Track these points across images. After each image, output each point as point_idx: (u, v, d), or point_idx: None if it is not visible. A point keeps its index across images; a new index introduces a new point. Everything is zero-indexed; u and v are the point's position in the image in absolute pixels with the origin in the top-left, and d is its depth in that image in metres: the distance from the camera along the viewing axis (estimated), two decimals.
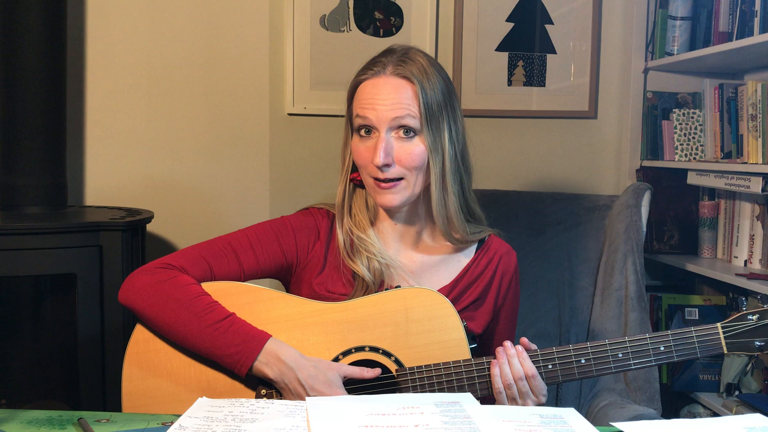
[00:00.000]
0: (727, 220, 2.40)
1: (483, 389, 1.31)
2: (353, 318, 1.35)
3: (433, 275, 1.48)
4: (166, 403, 1.31)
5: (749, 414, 1.21)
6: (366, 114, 1.39)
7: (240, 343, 1.29)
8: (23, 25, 2.11)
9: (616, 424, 1.17)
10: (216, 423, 1.09)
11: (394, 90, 1.38)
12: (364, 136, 1.40)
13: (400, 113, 1.37)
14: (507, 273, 1.52)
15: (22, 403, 2.08)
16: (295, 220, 1.50)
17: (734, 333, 1.26)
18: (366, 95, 1.40)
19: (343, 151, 1.49)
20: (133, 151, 2.45)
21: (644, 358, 1.28)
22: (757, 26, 2.11)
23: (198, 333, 1.30)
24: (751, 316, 1.26)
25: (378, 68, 1.41)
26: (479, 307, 1.49)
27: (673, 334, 1.27)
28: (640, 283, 1.96)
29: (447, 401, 1.16)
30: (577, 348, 1.30)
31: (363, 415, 1.08)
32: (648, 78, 2.56)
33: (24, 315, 2.25)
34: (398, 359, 1.33)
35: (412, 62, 1.41)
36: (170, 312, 1.32)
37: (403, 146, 1.38)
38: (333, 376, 1.29)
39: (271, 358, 1.29)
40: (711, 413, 2.21)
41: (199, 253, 1.41)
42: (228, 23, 2.46)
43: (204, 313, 1.31)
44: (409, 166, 1.39)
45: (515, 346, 1.31)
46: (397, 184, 1.39)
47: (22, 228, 1.93)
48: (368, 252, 1.43)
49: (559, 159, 2.62)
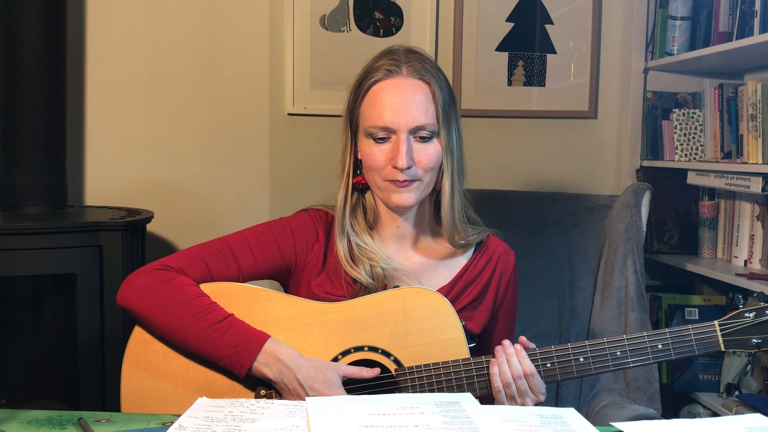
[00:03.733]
0: (727, 220, 2.40)
1: (482, 388, 1.31)
2: (352, 318, 1.35)
3: (432, 275, 1.48)
4: (166, 404, 1.31)
5: (749, 414, 1.21)
6: (387, 118, 1.36)
7: (239, 343, 1.29)
8: (23, 25, 2.11)
9: (616, 424, 1.17)
10: (216, 423, 1.09)
11: (414, 92, 1.37)
12: (379, 140, 1.38)
13: (423, 117, 1.36)
14: (506, 272, 1.52)
15: (22, 403, 2.08)
16: (294, 221, 1.49)
17: (731, 330, 1.27)
18: (384, 98, 1.37)
19: (343, 155, 1.46)
20: (133, 151, 2.45)
21: (642, 356, 1.28)
22: (757, 26, 2.11)
23: (197, 334, 1.30)
24: (747, 313, 1.27)
25: (392, 69, 1.38)
26: (478, 307, 1.49)
27: (670, 331, 1.28)
28: (640, 283, 1.96)
29: (447, 401, 1.16)
30: (576, 346, 1.30)
31: (363, 415, 1.08)
32: (648, 78, 2.56)
33: (24, 315, 2.25)
34: (397, 359, 1.33)
35: (425, 62, 1.40)
36: (169, 313, 1.31)
37: (422, 148, 1.38)
38: (332, 375, 1.29)
39: (270, 358, 1.29)
40: (711, 413, 2.21)
41: (197, 255, 1.41)
42: (228, 23, 2.46)
43: (203, 314, 1.31)
44: (428, 167, 1.39)
45: (514, 345, 1.31)
46: (412, 183, 1.38)
47: (22, 228, 1.93)
48: (370, 259, 1.42)
49: (559, 159, 2.62)
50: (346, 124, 1.45)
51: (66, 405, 2.11)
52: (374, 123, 1.37)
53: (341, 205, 1.45)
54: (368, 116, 1.39)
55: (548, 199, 2.17)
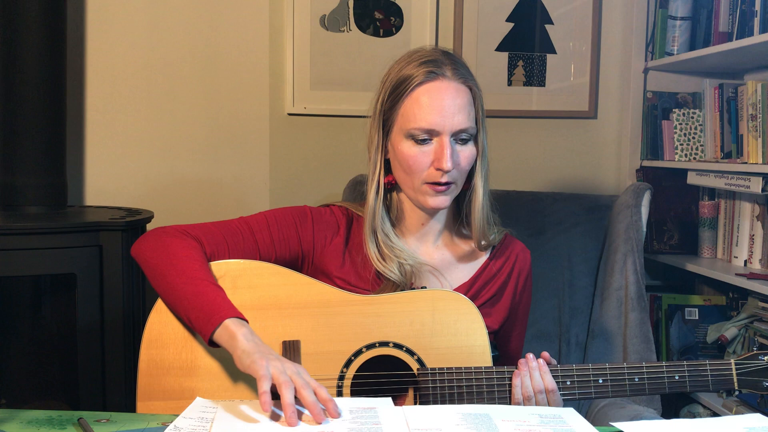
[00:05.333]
0: (727, 220, 2.40)
1: (501, 398, 1.31)
2: (380, 312, 1.35)
3: (452, 272, 1.50)
4: (184, 396, 1.29)
5: (749, 414, 1.21)
6: (432, 120, 1.36)
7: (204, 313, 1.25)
8: (23, 25, 2.11)
9: (616, 424, 1.17)
10: (210, 423, 1.09)
11: (459, 96, 1.39)
12: (421, 141, 1.38)
13: (466, 120, 1.38)
14: (523, 271, 1.54)
15: (22, 403, 2.08)
16: (316, 212, 1.50)
17: (746, 371, 1.29)
18: (430, 101, 1.37)
19: (374, 155, 1.46)
20: (133, 151, 2.45)
21: (658, 386, 1.31)
22: (757, 26, 2.11)
23: (181, 288, 1.27)
24: (762, 357, 1.30)
25: (436, 71, 1.39)
26: (495, 304, 1.50)
27: (689, 365, 1.30)
28: (640, 283, 1.96)
29: (363, 407, 1.16)
30: (596, 367, 1.31)
31: (267, 421, 1.09)
32: (648, 78, 2.56)
33: (24, 315, 2.25)
34: (420, 358, 1.33)
35: (463, 66, 1.43)
36: (163, 264, 1.30)
37: (461, 150, 1.40)
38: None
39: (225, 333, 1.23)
40: (711, 413, 2.21)
41: (216, 228, 1.41)
42: (228, 23, 2.46)
43: (193, 273, 1.29)
44: (464, 169, 1.41)
45: (537, 360, 1.32)
46: (449, 187, 1.40)
47: (22, 228, 1.92)
48: (398, 257, 1.43)
49: (559, 159, 2.62)
50: (378, 125, 1.45)
51: (66, 405, 2.11)
52: (418, 125, 1.37)
53: (372, 205, 1.45)
54: (411, 118, 1.38)
55: (548, 199, 2.17)
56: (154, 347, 1.31)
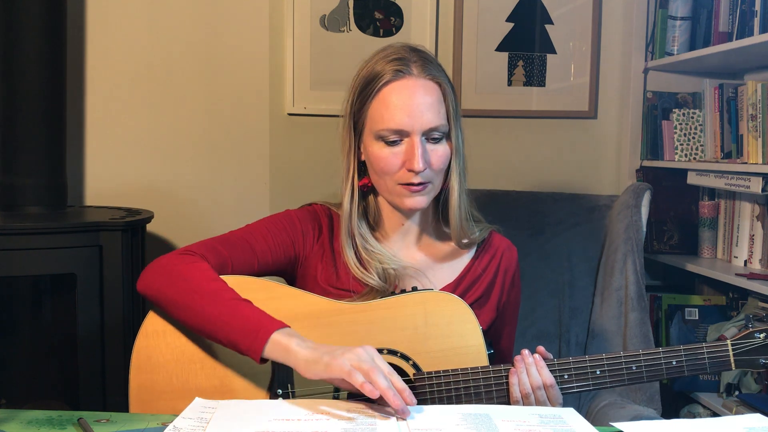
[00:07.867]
0: (727, 220, 2.40)
1: (500, 397, 1.30)
2: (372, 319, 1.34)
3: (436, 273, 1.47)
4: (175, 399, 1.29)
5: (749, 414, 1.21)
6: (400, 120, 1.33)
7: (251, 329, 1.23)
8: (23, 25, 2.11)
9: (616, 424, 1.17)
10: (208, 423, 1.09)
11: (427, 93, 1.35)
12: (391, 143, 1.36)
13: (436, 118, 1.34)
14: (510, 269, 1.52)
15: (22, 403, 2.08)
16: (299, 213, 1.49)
17: (742, 350, 1.29)
18: (397, 100, 1.34)
19: (348, 157, 1.43)
20: (133, 151, 2.45)
21: (657, 372, 1.30)
22: (757, 26, 2.11)
23: (209, 315, 1.25)
24: (758, 334, 1.29)
25: (402, 69, 1.35)
26: (484, 305, 1.48)
27: (685, 348, 1.29)
28: (640, 283, 1.96)
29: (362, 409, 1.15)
30: (593, 359, 1.30)
31: (264, 421, 1.09)
32: (648, 78, 2.56)
33: (24, 315, 2.25)
34: (416, 363, 1.32)
35: (432, 61, 1.38)
36: (184, 293, 1.27)
37: (434, 150, 1.36)
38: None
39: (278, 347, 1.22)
40: (711, 413, 2.21)
41: (216, 243, 1.39)
42: (228, 23, 2.46)
43: (220, 295, 1.27)
44: (438, 168, 1.37)
45: (533, 355, 1.30)
46: (426, 186, 1.37)
47: (22, 228, 1.93)
48: (381, 261, 1.41)
49: (559, 159, 2.62)
50: (349, 126, 1.42)
51: (66, 405, 2.11)
52: (387, 126, 1.35)
53: (347, 209, 1.42)
54: (379, 119, 1.36)
55: (548, 199, 2.17)
56: (144, 372, 1.30)
